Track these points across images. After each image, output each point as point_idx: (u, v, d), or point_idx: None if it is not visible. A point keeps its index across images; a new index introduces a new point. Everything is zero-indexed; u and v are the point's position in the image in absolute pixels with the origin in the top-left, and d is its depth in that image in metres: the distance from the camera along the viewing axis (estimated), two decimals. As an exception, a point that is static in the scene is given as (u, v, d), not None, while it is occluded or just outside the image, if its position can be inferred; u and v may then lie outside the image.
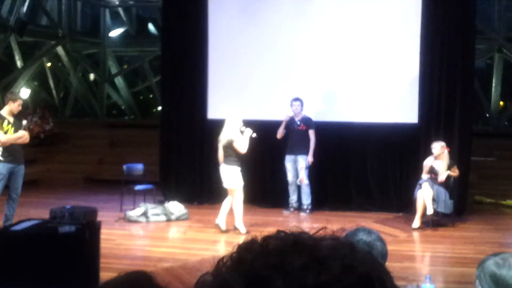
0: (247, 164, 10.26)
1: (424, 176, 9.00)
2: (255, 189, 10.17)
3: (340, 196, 10.07)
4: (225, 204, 8.32)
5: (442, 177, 8.82)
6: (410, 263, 6.96)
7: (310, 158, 9.61)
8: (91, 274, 5.59)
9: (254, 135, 8.21)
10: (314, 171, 9.82)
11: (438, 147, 8.93)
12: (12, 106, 8.21)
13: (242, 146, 8.05)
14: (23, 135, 7.98)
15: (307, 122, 9.70)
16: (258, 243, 0.81)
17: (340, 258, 0.77)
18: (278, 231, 0.83)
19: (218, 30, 10.64)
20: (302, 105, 9.68)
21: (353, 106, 10.12)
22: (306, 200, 9.73)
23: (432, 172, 8.93)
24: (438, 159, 8.94)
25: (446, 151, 8.94)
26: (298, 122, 9.71)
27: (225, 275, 0.79)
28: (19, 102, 8.29)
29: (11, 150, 7.90)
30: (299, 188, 9.82)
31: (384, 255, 2.48)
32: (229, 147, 8.03)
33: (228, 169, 8.07)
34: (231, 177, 8.08)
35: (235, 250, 0.82)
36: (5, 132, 8.05)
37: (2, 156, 7.86)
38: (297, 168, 9.67)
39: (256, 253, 0.79)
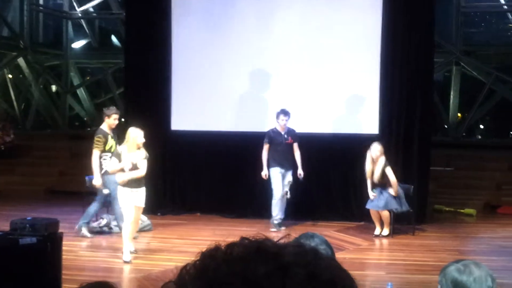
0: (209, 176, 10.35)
1: (369, 184, 9.11)
2: (221, 199, 10.20)
3: (303, 206, 10.15)
4: None
5: (395, 191, 8.95)
6: (372, 271, 7.08)
7: (301, 171, 9.32)
8: (53, 286, 5.56)
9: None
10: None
11: (377, 150, 8.96)
12: (109, 121, 8.55)
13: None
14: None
15: (294, 135, 9.41)
16: (221, 250, 0.80)
17: (304, 265, 0.76)
18: (242, 238, 0.82)
19: (182, 42, 10.68)
20: (288, 118, 9.31)
21: (316, 117, 10.24)
22: (281, 213, 9.38)
23: (373, 177, 9.07)
24: (376, 162, 9.00)
25: (383, 157, 8.98)
26: (285, 136, 9.36)
27: (188, 283, 0.77)
28: (114, 116, 8.58)
29: None
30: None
31: None
32: None
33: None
34: None
35: (198, 257, 0.80)
36: (109, 148, 8.42)
37: None
38: (285, 182, 9.31)
39: (219, 260, 0.78)
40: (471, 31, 16.43)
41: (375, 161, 9.01)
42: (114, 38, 18.29)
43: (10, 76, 16.59)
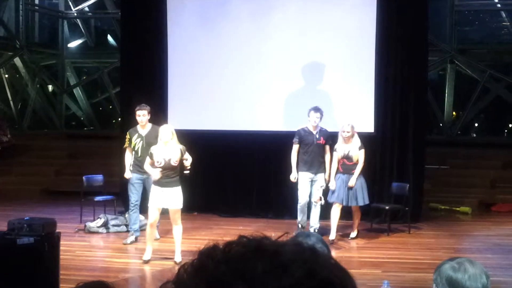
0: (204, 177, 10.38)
1: (333, 171, 8.35)
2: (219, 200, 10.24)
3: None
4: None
5: (352, 182, 8.28)
6: (368, 269, 7.11)
7: (327, 177, 8.54)
8: (51, 285, 5.59)
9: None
10: (278, 177, 9.89)
11: (350, 128, 8.34)
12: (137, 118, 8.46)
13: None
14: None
15: (326, 135, 8.61)
16: (220, 249, 0.79)
17: (302, 263, 0.76)
18: (240, 237, 0.82)
19: (177, 41, 10.71)
20: (321, 116, 8.59)
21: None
22: (317, 222, 8.60)
23: (346, 158, 8.36)
24: (348, 142, 8.36)
25: (356, 135, 8.42)
26: (317, 136, 8.56)
27: (187, 282, 0.77)
28: (137, 112, 8.49)
29: None
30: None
31: None
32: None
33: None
34: None
35: (196, 256, 0.80)
36: (134, 146, 8.36)
37: None
38: (313, 187, 8.48)
39: (218, 259, 0.78)
40: (465, 30, 16.49)
41: (347, 141, 8.37)
42: (110, 38, 18.30)
43: (6, 76, 16.59)
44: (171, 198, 7.22)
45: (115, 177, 10.86)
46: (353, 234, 8.80)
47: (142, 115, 8.47)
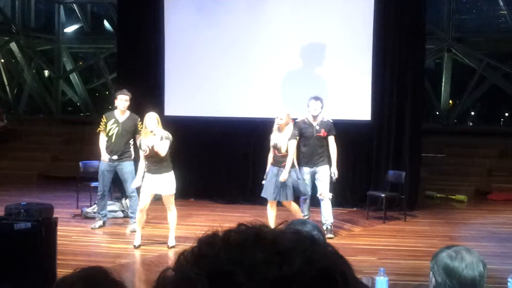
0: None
1: (269, 163, 7.68)
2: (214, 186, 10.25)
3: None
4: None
5: (283, 177, 7.46)
6: (364, 257, 7.14)
7: (335, 170, 8.01)
8: (48, 270, 5.59)
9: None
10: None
11: (284, 115, 7.55)
12: (116, 103, 8.25)
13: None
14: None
15: (328, 127, 8.10)
16: (219, 237, 0.79)
17: (302, 252, 0.76)
18: (239, 225, 0.81)
19: (174, 27, 10.67)
20: (322, 106, 8.14)
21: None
22: (329, 217, 8.06)
23: (276, 148, 7.59)
24: (280, 131, 7.59)
25: (291, 124, 7.61)
26: (317, 127, 8.11)
27: (186, 270, 0.77)
28: (119, 97, 8.28)
29: None
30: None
31: None
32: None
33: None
34: None
35: (196, 244, 0.80)
36: (108, 131, 8.15)
37: None
38: (316, 180, 8.03)
39: (217, 247, 0.78)
40: (462, 18, 16.46)
41: (280, 130, 7.58)
42: (106, 23, 18.21)
43: (2, 60, 16.53)
44: (163, 184, 7.25)
45: (111, 163, 10.84)
46: None
47: (125, 100, 8.28)
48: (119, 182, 8.79)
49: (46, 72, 18.02)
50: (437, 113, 15.39)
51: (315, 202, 8.19)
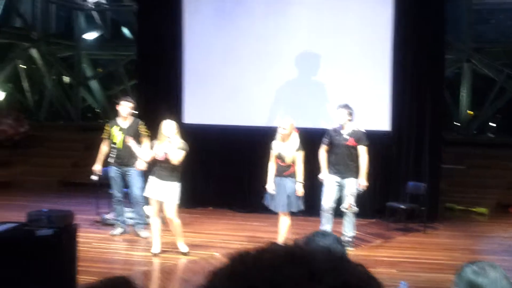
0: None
1: (272, 173, 7.53)
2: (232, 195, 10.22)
3: (313, 202, 10.15)
4: None
5: (298, 191, 7.46)
6: (384, 269, 7.08)
7: (363, 182, 7.78)
8: (68, 277, 5.61)
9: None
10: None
11: (288, 125, 7.41)
12: (119, 109, 8.37)
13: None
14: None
15: (358, 136, 7.84)
16: (251, 255, 0.80)
17: (333, 272, 0.76)
18: (271, 243, 0.82)
19: (194, 35, 10.70)
20: (351, 114, 7.81)
21: (327, 113, 10.23)
22: (349, 230, 7.91)
23: (279, 158, 7.49)
24: (284, 140, 7.47)
25: (295, 133, 7.50)
26: (346, 136, 7.86)
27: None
28: (122, 103, 8.40)
29: None
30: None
31: None
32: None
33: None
34: None
35: (228, 262, 0.80)
36: (113, 139, 8.30)
37: None
38: (343, 193, 7.85)
39: (249, 266, 0.78)
40: (481, 28, 16.35)
41: (284, 139, 7.47)
42: (126, 30, 18.33)
43: (23, 67, 16.68)
44: (166, 191, 7.30)
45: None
46: None
47: (127, 106, 8.40)
48: None
49: (67, 79, 18.17)
50: (457, 123, 15.26)
51: (338, 213, 8.13)
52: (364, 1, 10.13)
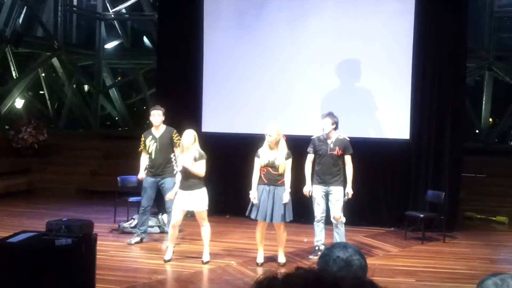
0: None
1: (255, 181, 7.35)
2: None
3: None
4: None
5: (286, 199, 7.24)
6: (402, 278, 7.04)
7: (350, 190, 7.72)
8: (87, 286, 5.65)
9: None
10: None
11: (274, 131, 7.18)
12: (151, 119, 8.53)
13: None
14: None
15: (343, 145, 7.77)
16: (279, 280, 0.79)
17: None
18: (298, 268, 0.82)
19: (213, 45, 10.75)
20: (336, 122, 7.76)
21: (346, 121, 10.18)
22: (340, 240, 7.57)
23: (271, 167, 7.23)
24: (272, 148, 7.24)
25: (283, 140, 7.29)
26: (332, 145, 7.79)
27: None
28: (151, 113, 8.58)
29: None
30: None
31: (363, 268, 2.45)
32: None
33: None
34: None
35: (256, 286, 0.80)
36: (148, 149, 8.47)
37: None
38: (329, 202, 7.79)
39: None
40: (503, 36, 16.22)
41: (272, 147, 7.23)
42: (146, 39, 18.47)
43: (43, 75, 16.88)
44: (194, 200, 7.38)
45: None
46: (282, 258, 7.55)
47: (157, 114, 8.55)
48: (157, 198, 8.88)
49: (86, 87, 18.34)
50: (477, 132, 15.14)
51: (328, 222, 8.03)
52: (385, 10, 10.10)
